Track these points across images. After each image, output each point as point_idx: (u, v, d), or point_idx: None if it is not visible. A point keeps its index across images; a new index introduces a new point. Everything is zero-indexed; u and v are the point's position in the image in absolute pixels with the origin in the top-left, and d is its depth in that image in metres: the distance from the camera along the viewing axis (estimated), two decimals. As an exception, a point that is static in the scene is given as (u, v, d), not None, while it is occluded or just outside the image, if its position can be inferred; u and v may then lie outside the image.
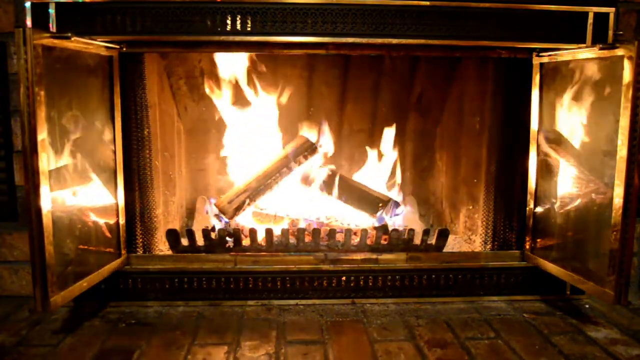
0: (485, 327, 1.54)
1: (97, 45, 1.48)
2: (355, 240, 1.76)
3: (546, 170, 1.67)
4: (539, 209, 1.71)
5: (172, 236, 1.70)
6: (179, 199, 2.04)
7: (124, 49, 1.56)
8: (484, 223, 1.78)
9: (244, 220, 1.95)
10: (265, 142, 2.07)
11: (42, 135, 1.25)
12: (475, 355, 1.37)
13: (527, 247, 1.74)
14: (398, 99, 2.16)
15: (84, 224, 1.48)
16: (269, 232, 1.70)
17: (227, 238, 1.71)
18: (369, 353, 1.38)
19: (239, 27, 1.51)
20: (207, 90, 2.00)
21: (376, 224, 1.89)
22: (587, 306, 1.71)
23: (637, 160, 1.33)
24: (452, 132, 2.07)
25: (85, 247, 1.48)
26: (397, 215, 1.99)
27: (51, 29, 1.46)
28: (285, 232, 1.71)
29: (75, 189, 1.44)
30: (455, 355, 1.37)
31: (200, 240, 1.71)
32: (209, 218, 1.96)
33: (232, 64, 1.94)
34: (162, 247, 1.76)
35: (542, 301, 1.73)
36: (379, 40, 1.55)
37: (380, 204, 1.95)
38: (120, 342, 1.42)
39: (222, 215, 1.90)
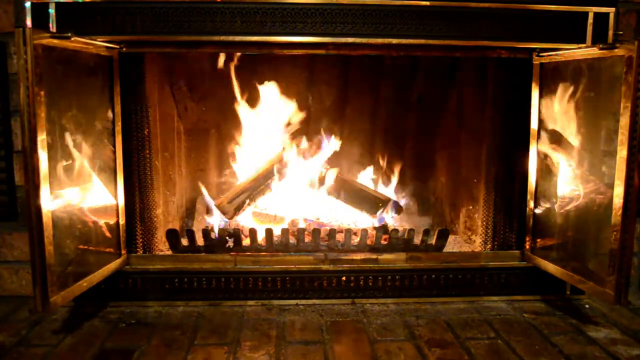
0: (485, 327, 1.54)
1: (97, 45, 1.48)
2: (355, 240, 1.76)
3: (546, 170, 1.67)
4: (539, 209, 1.71)
5: (172, 236, 1.70)
6: (179, 199, 2.04)
7: (124, 49, 1.56)
8: (484, 223, 1.78)
9: (244, 220, 1.95)
10: (265, 142, 2.06)
11: (42, 135, 1.25)
12: (475, 355, 1.37)
13: (527, 247, 1.74)
14: (398, 98, 2.16)
15: (84, 224, 1.48)
16: (269, 232, 1.70)
17: (227, 238, 1.71)
18: (369, 353, 1.38)
19: (238, 27, 1.51)
20: (207, 90, 2.00)
21: (376, 224, 1.89)
22: (587, 306, 1.71)
23: (637, 160, 1.33)
24: (452, 132, 2.07)
25: (85, 247, 1.48)
26: (397, 215, 1.99)
27: (51, 29, 1.46)
28: (285, 232, 1.71)
29: (75, 189, 1.44)
30: (455, 355, 1.37)
31: (200, 240, 1.71)
32: (209, 218, 1.95)
33: (231, 64, 1.94)
34: (162, 247, 1.76)
35: (542, 301, 1.73)
36: (379, 40, 1.55)
37: (380, 204, 1.95)
38: (120, 342, 1.42)
39: (222, 215, 1.90)
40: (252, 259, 1.69)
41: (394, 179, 2.15)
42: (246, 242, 1.74)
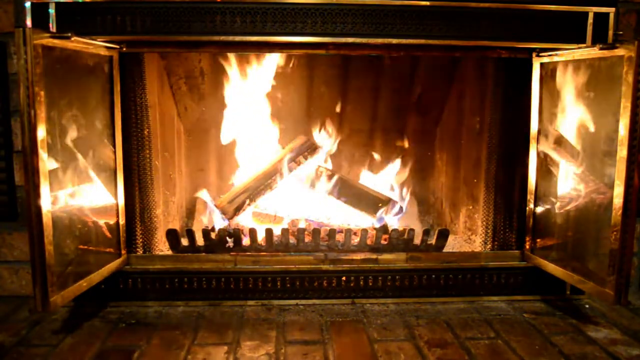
0: (485, 327, 1.54)
1: (97, 45, 1.48)
2: (355, 240, 1.76)
3: (546, 170, 1.67)
4: (539, 209, 1.71)
5: (172, 236, 1.70)
6: (179, 199, 2.04)
7: (124, 49, 1.56)
8: (484, 223, 1.78)
9: (244, 220, 1.95)
10: (265, 142, 2.06)
11: (42, 135, 1.25)
12: (475, 355, 1.37)
13: (527, 247, 1.74)
14: (398, 98, 2.16)
15: (84, 224, 1.48)
16: (269, 232, 1.70)
17: (227, 238, 1.71)
18: (369, 353, 1.38)
19: (238, 27, 1.51)
20: (207, 90, 2.00)
21: (376, 224, 1.89)
22: (587, 306, 1.71)
23: (637, 160, 1.33)
24: (452, 132, 2.07)
25: (85, 247, 1.48)
26: (397, 215, 1.99)
27: (51, 29, 1.46)
28: (285, 232, 1.71)
29: (75, 189, 1.44)
30: (455, 355, 1.37)
31: (200, 240, 1.71)
32: (209, 217, 1.95)
33: (232, 64, 1.94)
34: (162, 247, 1.76)
35: (542, 301, 1.73)
36: (379, 40, 1.55)
37: (380, 204, 1.95)
38: (120, 342, 1.42)
39: (222, 215, 1.90)
40: (252, 259, 1.69)
41: (394, 179, 2.15)
42: (246, 242, 1.74)
